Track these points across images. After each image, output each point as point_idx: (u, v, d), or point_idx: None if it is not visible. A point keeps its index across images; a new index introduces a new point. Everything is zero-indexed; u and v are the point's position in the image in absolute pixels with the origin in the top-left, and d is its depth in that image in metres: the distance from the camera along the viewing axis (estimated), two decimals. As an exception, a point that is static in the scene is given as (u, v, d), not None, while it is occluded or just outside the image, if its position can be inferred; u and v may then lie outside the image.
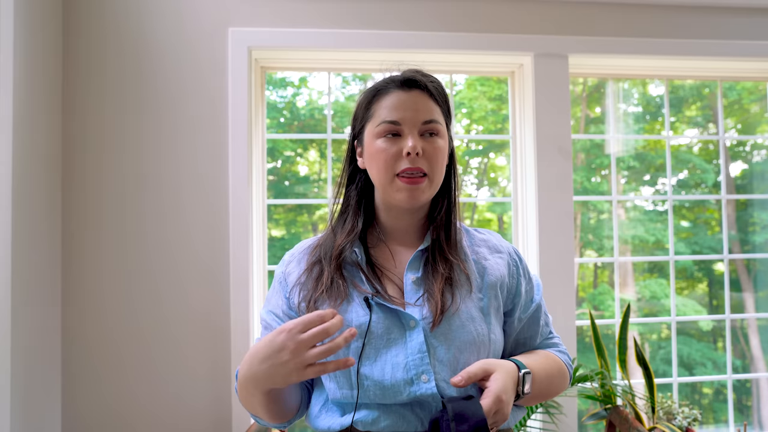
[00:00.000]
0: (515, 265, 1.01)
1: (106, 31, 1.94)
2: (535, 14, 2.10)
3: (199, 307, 1.92)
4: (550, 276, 2.04)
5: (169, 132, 1.95)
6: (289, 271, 1.00)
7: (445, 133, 0.98)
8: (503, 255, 1.01)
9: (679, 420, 1.84)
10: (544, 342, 1.06)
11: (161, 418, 1.89)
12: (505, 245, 1.04)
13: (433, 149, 0.94)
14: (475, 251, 1.00)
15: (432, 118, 0.95)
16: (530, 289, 1.03)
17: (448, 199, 1.01)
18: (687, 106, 4.63)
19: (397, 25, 2.05)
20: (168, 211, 1.93)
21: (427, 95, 0.96)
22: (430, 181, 0.95)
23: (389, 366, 0.87)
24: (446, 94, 1.01)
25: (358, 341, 0.89)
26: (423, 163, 0.93)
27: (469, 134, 4.60)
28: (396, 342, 0.89)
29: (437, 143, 0.95)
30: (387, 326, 0.90)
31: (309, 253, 1.00)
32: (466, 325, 0.90)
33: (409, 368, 0.87)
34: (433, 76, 1.01)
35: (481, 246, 1.02)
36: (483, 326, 0.92)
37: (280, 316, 0.97)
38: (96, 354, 1.89)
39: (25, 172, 1.67)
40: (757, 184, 3.94)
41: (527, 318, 1.02)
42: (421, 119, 0.94)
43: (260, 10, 2.00)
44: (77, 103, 1.93)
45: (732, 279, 4.29)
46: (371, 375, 0.87)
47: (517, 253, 1.04)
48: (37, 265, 1.74)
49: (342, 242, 0.97)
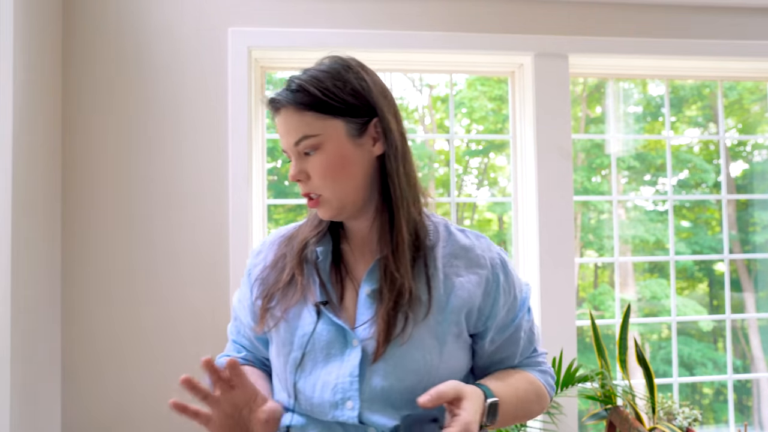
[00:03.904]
0: (495, 281, 0.89)
1: (106, 31, 1.94)
2: (535, 14, 2.10)
3: (199, 306, 1.92)
4: (550, 276, 2.04)
5: (169, 132, 1.95)
6: (256, 263, 0.96)
7: (330, 140, 0.82)
8: (482, 271, 0.88)
9: (680, 420, 1.84)
10: (524, 361, 0.96)
11: (161, 417, 1.89)
12: (489, 256, 0.90)
13: (312, 169, 0.83)
14: (450, 263, 0.88)
15: (300, 136, 0.82)
16: (512, 308, 0.91)
17: (389, 207, 0.86)
18: (687, 106, 4.63)
19: (398, 25, 2.05)
20: (168, 211, 1.93)
21: (292, 109, 0.82)
22: (328, 199, 0.85)
23: (320, 383, 0.83)
24: (325, 87, 0.82)
25: (298, 351, 0.85)
26: (311, 185, 0.84)
27: (469, 134, 4.60)
28: (334, 358, 0.83)
29: (315, 161, 0.83)
30: (330, 340, 0.84)
31: (278, 245, 0.95)
32: (413, 353, 0.82)
33: (337, 391, 0.82)
34: (302, 76, 0.84)
35: (459, 257, 0.89)
36: (434, 355, 0.83)
37: (246, 308, 0.96)
38: (96, 354, 1.89)
39: (25, 172, 1.67)
40: (757, 184, 3.93)
41: (503, 340, 0.91)
42: (292, 142, 0.83)
43: (260, 10, 2.00)
44: (77, 103, 1.93)
45: (732, 279, 4.29)
46: (303, 389, 0.84)
47: (503, 265, 0.91)
48: (37, 265, 1.74)
49: (307, 235, 0.92)
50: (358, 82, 0.84)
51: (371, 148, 0.85)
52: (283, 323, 0.89)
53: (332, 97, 0.82)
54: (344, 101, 0.83)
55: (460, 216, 4.64)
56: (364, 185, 0.86)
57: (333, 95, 0.82)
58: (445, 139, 2.52)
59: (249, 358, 0.99)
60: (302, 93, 0.82)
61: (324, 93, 0.82)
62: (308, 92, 0.82)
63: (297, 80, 0.83)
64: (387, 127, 0.85)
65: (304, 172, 0.85)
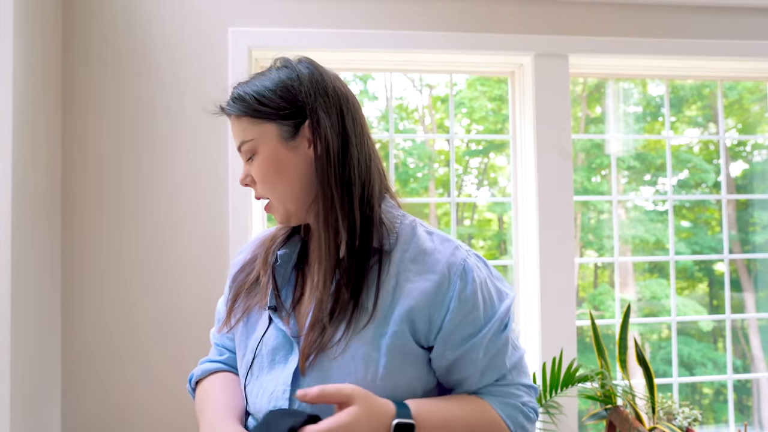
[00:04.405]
0: (449, 289, 0.78)
1: (106, 31, 1.94)
2: (535, 14, 2.10)
3: (199, 307, 1.92)
4: (550, 276, 2.04)
5: (169, 132, 1.95)
6: (236, 263, 0.96)
7: (263, 144, 0.82)
8: (434, 277, 0.79)
9: (680, 420, 1.84)
10: (488, 388, 0.82)
11: (162, 417, 1.89)
12: (448, 261, 0.80)
13: (257, 173, 0.83)
14: (406, 269, 0.80)
15: (239, 141, 0.84)
16: (470, 322, 0.79)
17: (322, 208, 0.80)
18: (687, 105, 4.63)
19: (398, 25, 2.05)
20: (168, 212, 1.93)
21: (234, 116, 0.84)
22: (273, 204, 0.84)
23: (261, 389, 0.82)
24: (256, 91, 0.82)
25: (250, 355, 0.85)
26: (258, 190, 0.85)
27: (469, 134, 4.60)
28: (278, 365, 0.81)
29: (254, 166, 0.83)
30: (276, 346, 0.82)
31: (257, 245, 0.94)
32: (347, 366, 0.76)
33: (271, 399, 0.80)
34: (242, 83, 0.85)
35: (415, 262, 0.80)
36: (371, 369, 0.76)
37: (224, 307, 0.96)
38: (96, 354, 1.89)
39: (25, 172, 1.67)
40: (757, 184, 3.94)
41: (455, 358, 0.80)
42: (237, 148, 0.85)
43: (260, 10, 2.00)
44: (77, 103, 1.93)
45: (732, 279, 4.29)
46: (249, 393, 0.84)
47: (465, 273, 0.79)
48: (37, 266, 1.74)
49: (276, 232, 0.91)
50: (290, 83, 0.82)
51: (307, 150, 0.82)
52: (242, 325, 0.89)
53: (263, 101, 0.81)
54: (275, 105, 0.81)
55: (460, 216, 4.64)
56: (303, 189, 0.82)
57: (264, 99, 0.81)
58: (445, 139, 2.52)
59: (229, 361, 0.99)
60: (238, 100, 0.83)
61: (255, 98, 0.82)
62: (242, 99, 0.83)
63: (236, 89, 0.85)
64: (319, 128, 0.81)
65: (250, 176, 0.85)
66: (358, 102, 0.88)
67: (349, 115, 0.84)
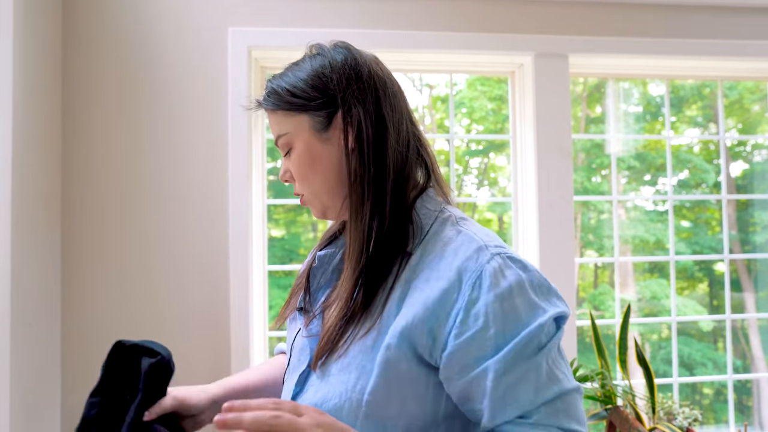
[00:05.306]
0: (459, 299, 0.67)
1: (106, 31, 1.94)
2: (535, 14, 2.10)
3: (199, 307, 1.92)
4: (550, 276, 2.04)
5: (169, 131, 1.95)
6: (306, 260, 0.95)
7: (298, 137, 0.78)
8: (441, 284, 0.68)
9: (680, 420, 1.84)
10: (505, 426, 0.65)
11: (161, 418, 1.89)
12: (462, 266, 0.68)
13: (293, 167, 0.80)
14: (418, 273, 0.72)
15: (277, 135, 0.81)
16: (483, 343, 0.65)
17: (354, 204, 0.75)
18: (687, 105, 4.63)
19: (397, 25, 2.05)
20: (168, 211, 1.93)
21: (269, 110, 0.81)
22: (309, 198, 0.81)
23: (286, 388, 0.82)
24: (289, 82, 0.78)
25: (288, 354, 0.86)
26: (297, 186, 0.81)
27: (469, 134, 4.60)
28: (300, 365, 0.80)
29: (293, 159, 0.79)
30: (302, 347, 0.80)
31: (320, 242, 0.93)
32: (342, 373, 0.71)
33: (286, 398, 0.79)
34: (276, 75, 0.82)
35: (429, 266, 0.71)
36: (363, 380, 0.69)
37: None
38: (96, 354, 1.89)
39: (24, 172, 1.67)
40: (757, 184, 3.94)
41: (464, 383, 0.67)
42: (275, 142, 0.82)
43: (260, 10, 2.00)
44: (77, 103, 1.93)
45: (732, 279, 4.29)
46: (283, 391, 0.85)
47: (479, 282, 0.67)
48: (37, 265, 1.74)
49: (330, 228, 0.90)
50: (321, 71, 0.77)
51: (340, 141, 0.76)
52: (288, 322, 0.90)
53: (294, 92, 0.77)
54: (306, 95, 0.76)
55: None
56: (339, 182, 0.77)
57: (296, 90, 0.77)
58: (445, 139, 2.51)
59: None
60: (272, 93, 0.80)
61: (288, 89, 0.77)
62: (275, 92, 0.79)
63: (269, 82, 0.82)
64: (350, 118, 0.75)
65: (289, 172, 0.82)
66: (399, 87, 0.83)
67: (387, 101, 0.78)
